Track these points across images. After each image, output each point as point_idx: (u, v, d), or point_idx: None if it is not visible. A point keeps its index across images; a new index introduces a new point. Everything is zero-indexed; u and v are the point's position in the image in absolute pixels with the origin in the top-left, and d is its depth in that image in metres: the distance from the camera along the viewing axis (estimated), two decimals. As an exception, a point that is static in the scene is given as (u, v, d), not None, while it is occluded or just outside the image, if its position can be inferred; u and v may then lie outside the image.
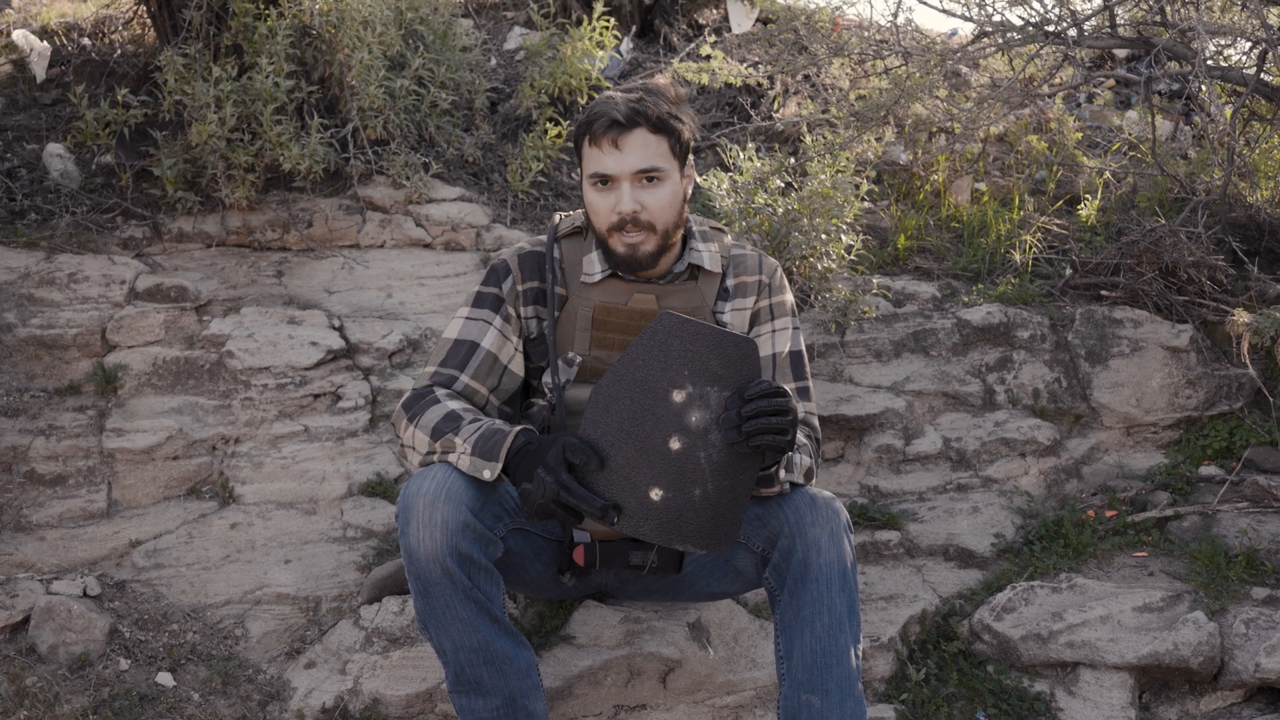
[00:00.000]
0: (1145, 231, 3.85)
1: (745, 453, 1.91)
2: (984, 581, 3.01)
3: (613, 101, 2.12)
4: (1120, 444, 3.58)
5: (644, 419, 1.91)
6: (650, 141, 2.11)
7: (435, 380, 2.17)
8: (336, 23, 3.63)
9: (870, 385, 3.49)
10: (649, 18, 5.16)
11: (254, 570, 2.74)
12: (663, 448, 1.90)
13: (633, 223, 2.12)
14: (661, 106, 2.12)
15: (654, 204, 2.13)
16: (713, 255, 2.27)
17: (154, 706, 2.39)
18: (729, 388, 1.90)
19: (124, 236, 3.51)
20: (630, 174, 2.11)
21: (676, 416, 1.90)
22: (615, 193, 2.12)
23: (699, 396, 1.90)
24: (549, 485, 1.88)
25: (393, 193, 3.77)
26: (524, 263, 2.24)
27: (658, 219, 2.13)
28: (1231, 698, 2.73)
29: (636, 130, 2.10)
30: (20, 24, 4.08)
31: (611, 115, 2.09)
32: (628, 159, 2.10)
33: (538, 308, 2.23)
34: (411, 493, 1.96)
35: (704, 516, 1.92)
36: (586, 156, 2.15)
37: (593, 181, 2.14)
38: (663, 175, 2.13)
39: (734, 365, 1.91)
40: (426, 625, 2.01)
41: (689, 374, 1.90)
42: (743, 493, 1.94)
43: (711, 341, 1.91)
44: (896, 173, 4.44)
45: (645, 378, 1.91)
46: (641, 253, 2.14)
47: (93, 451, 2.94)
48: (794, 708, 2.03)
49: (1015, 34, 4.05)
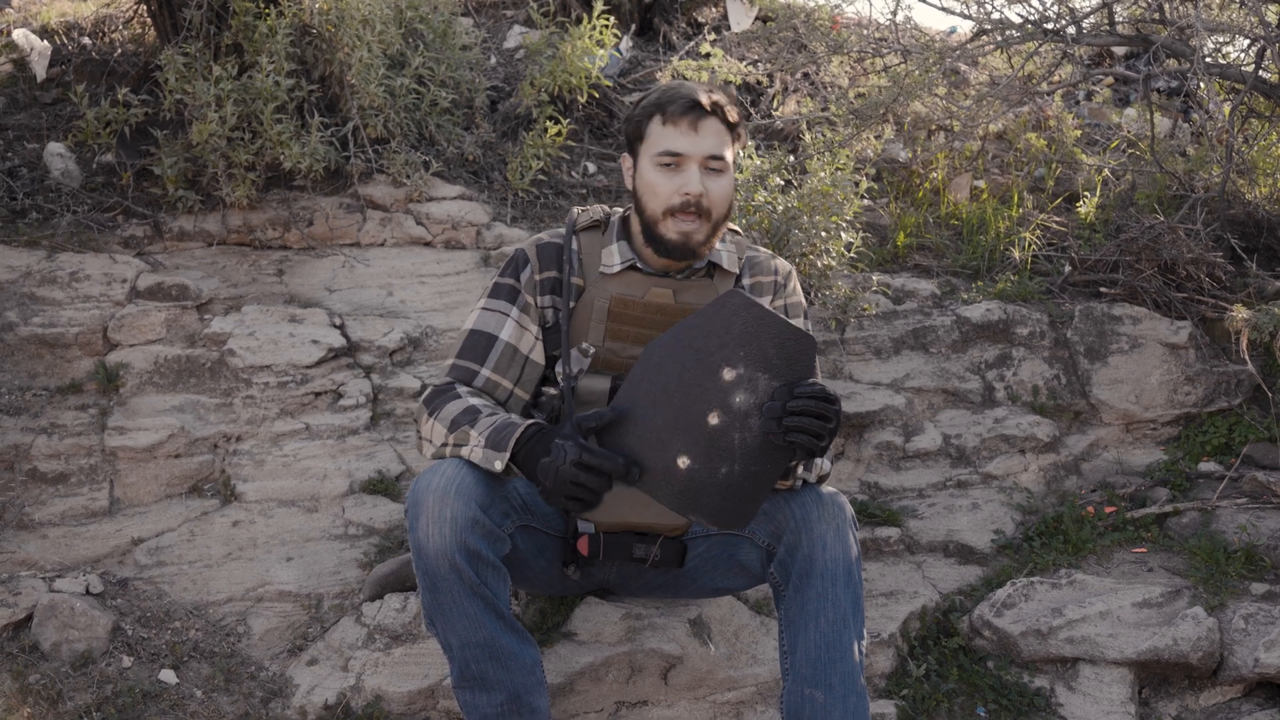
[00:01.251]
0: (1144, 229, 3.85)
1: (779, 445, 1.92)
2: (984, 578, 3.02)
3: (689, 88, 2.16)
4: (1119, 440, 3.59)
5: (690, 387, 1.92)
6: (722, 133, 2.16)
7: (456, 375, 2.18)
8: (336, 21, 3.63)
9: (870, 382, 3.50)
10: (648, 16, 5.16)
11: (256, 568, 2.74)
12: (701, 419, 1.92)
13: (695, 206, 2.14)
14: (733, 106, 2.18)
15: (716, 192, 2.16)
16: (730, 255, 2.30)
17: (157, 704, 2.39)
18: (780, 379, 1.92)
19: (125, 235, 3.51)
20: (702, 157, 2.14)
21: (722, 393, 1.92)
22: (683, 174, 2.14)
23: (748, 379, 1.92)
24: (568, 450, 1.89)
25: (393, 191, 3.77)
26: (542, 253, 2.26)
27: (716, 207, 2.17)
28: (1231, 693, 2.74)
29: (713, 118, 2.14)
30: (20, 23, 4.08)
31: (694, 98, 2.13)
32: (703, 142, 2.14)
33: (554, 297, 2.25)
34: (421, 488, 1.97)
35: (724, 495, 1.94)
36: (656, 135, 2.16)
37: (661, 160, 2.15)
38: (725, 168, 2.17)
39: (790, 358, 1.92)
40: (433, 620, 2.02)
41: (744, 355, 1.92)
42: (766, 482, 1.96)
43: (775, 330, 1.92)
44: (896, 170, 4.44)
45: (702, 347, 1.93)
46: (694, 240, 2.17)
47: (95, 450, 2.94)
48: (797, 702, 2.04)
49: (1014, 32, 4.05)
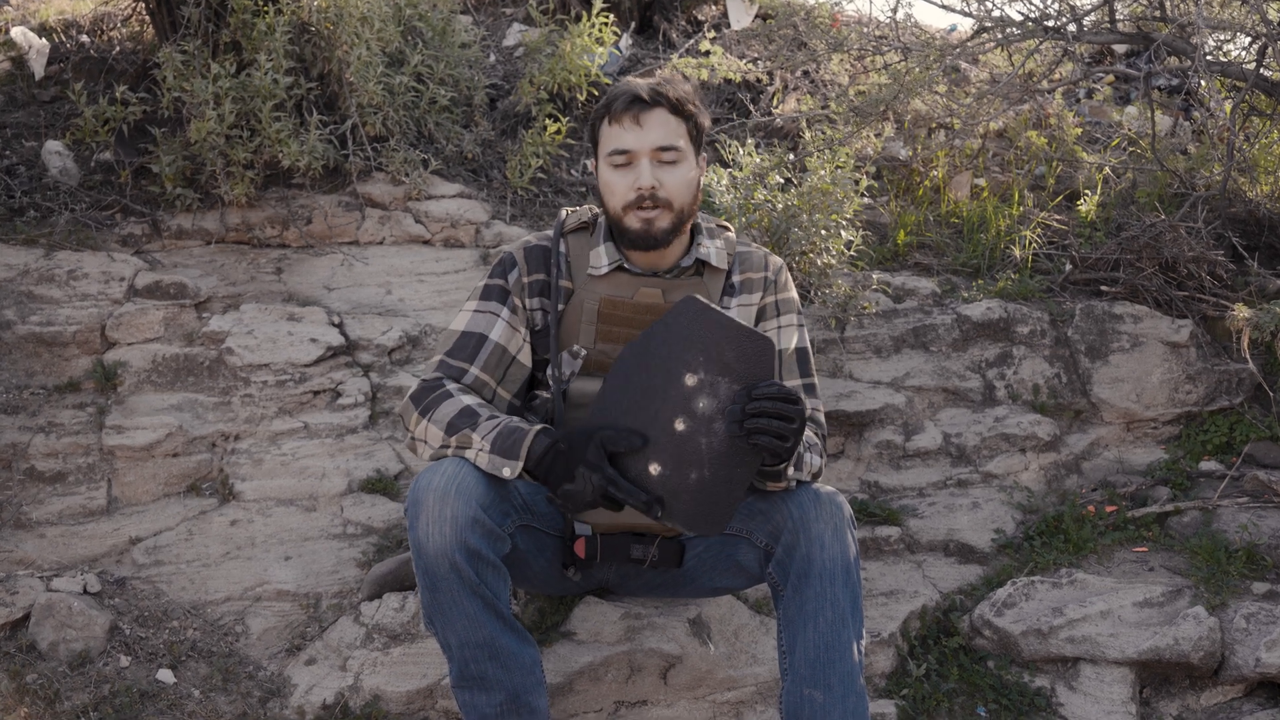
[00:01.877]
0: (1145, 227, 3.85)
1: (746, 447, 1.92)
2: (984, 577, 3.01)
3: (633, 84, 2.16)
4: (1120, 439, 3.58)
5: (655, 395, 1.94)
6: (670, 121, 2.15)
7: (444, 371, 2.17)
8: (335, 19, 3.62)
9: (870, 381, 3.49)
10: (648, 14, 5.15)
11: (254, 567, 2.73)
12: (668, 426, 1.93)
13: (650, 199, 2.14)
14: (681, 91, 2.17)
15: (671, 182, 2.15)
16: (719, 251, 2.29)
17: (154, 703, 2.38)
18: (739, 382, 1.92)
19: (123, 233, 3.50)
20: (650, 150, 2.13)
21: (685, 399, 1.93)
22: (634, 170, 2.14)
23: (710, 384, 1.92)
24: (595, 482, 1.92)
25: (392, 189, 3.77)
26: (529, 255, 2.26)
27: (674, 196, 2.16)
28: (1232, 692, 2.73)
29: (657, 109, 2.14)
30: (19, 21, 4.07)
31: (634, 93, 2.13)
32: (648, 135, 2.13)
33: (543, 299, 2.24)
34: (421, 487, 1.96)
35: (697, 500, 1.94)
36: (605, 136, 2.17)
37: (611, 160, 2.16)
38: (681, 156, 2.16)
39: (748, 360, 1.92)
40: (432, 619, 2.01)
41: (704, 360, 1.93)
42: (738, 485, 1.96)
43: (730, 333, 1.92)
44: (896, 168, 4.43)
45: (664, 355, 1.94)
46: (657, 228, 2.16)
47: (92, 448, 2.94)
48: (796, 703, 2.03)
49: (1015, 29, 4.05)
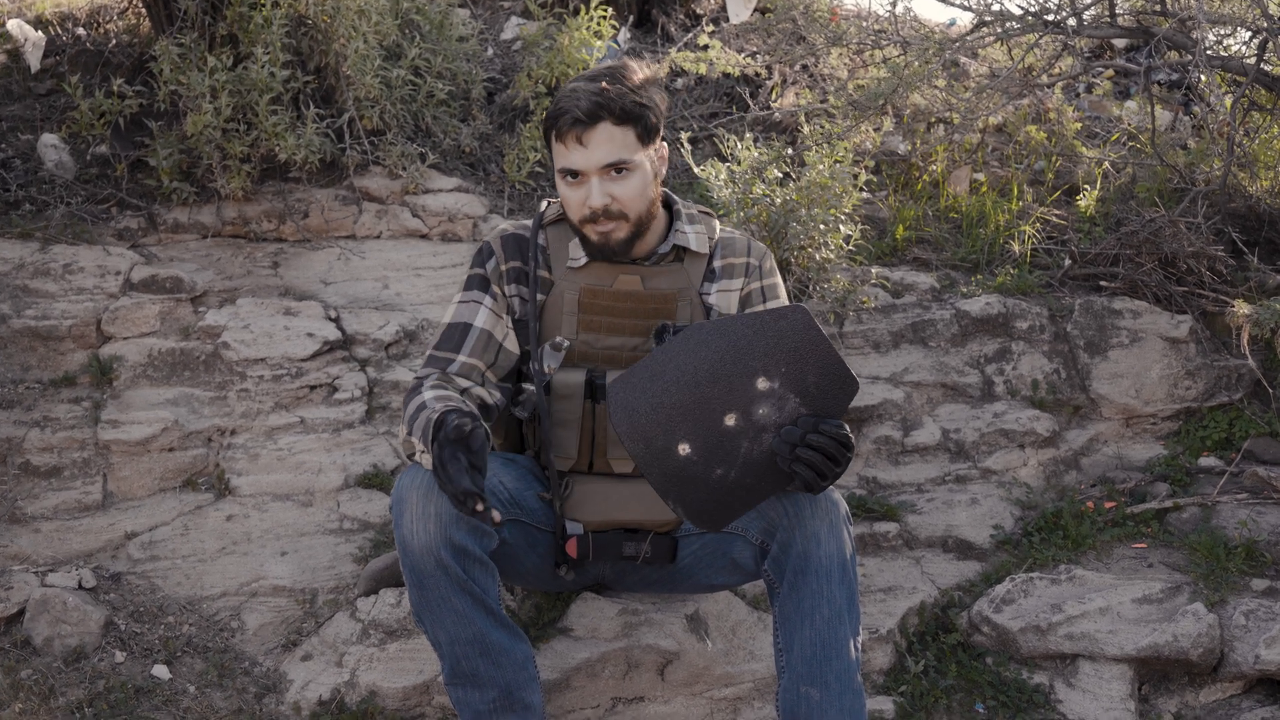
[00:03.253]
0: (1144, 222, 3.83)
1: (780, 470, 1.91)
2: (983, 573, 3.00)
3: (575, 95, 2.08)
4: (1119, 435, 3.57)
5: (720, 381, 1.90)
6: (615, 134, 2.09)
7: (432, 364, 2.18)
8: (332, 12, 3.60)
9: (869, 376, 3.48)
10: (646, 7, 5.13)
11: (250, 562, 2.72)
12: (718, 417, 1.90)
13: (604, 215, 2.12)
14: (625, 95, 2.09)
15: (624, 194, 2.13)
16: (699, 236, 2.27)
17: (149, 699, 2.38)
18: (810, 407, 1.89)
19: (119, 227, 3.49)
20: (597, 169, 2.10)
21: (748, 399, 1.90)
22: (584, 187, 2.12)
23: (779, 396, 1.89)
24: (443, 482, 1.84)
25: (389, 183, 3.75)
26: (506, 244, 2.26)
27: (629, 208, 2.14)
28: (1231, 689, 2.73)
29: (600, 125, 2.08)
30: (15, 14, 4.06)
31: (573, 113, 2.07)
32: (593, 155, 2.09)
33: (520, 287, 2.24)
34: (405, 484, 1.95)
35: (711, 496, 1.92)
36: (555, 152, 2.15)
37: (562, 176, 2.15)
38: (631, 165, 2.12)
39: (827, 393, 1.90)
40: (421, 617, 2.00)
41: (785, 371, 1.89)
42: (754, 497, 1.95)
43: (823, 360, 1.89)
44: (895, 163, 4.42)
45: (746, 348, 1.90)
46: (614, 240, 2.16)
47: (88, 443, 2.93)
48: (793, 700, 2.02)
49: (1014, 23, 4.03)
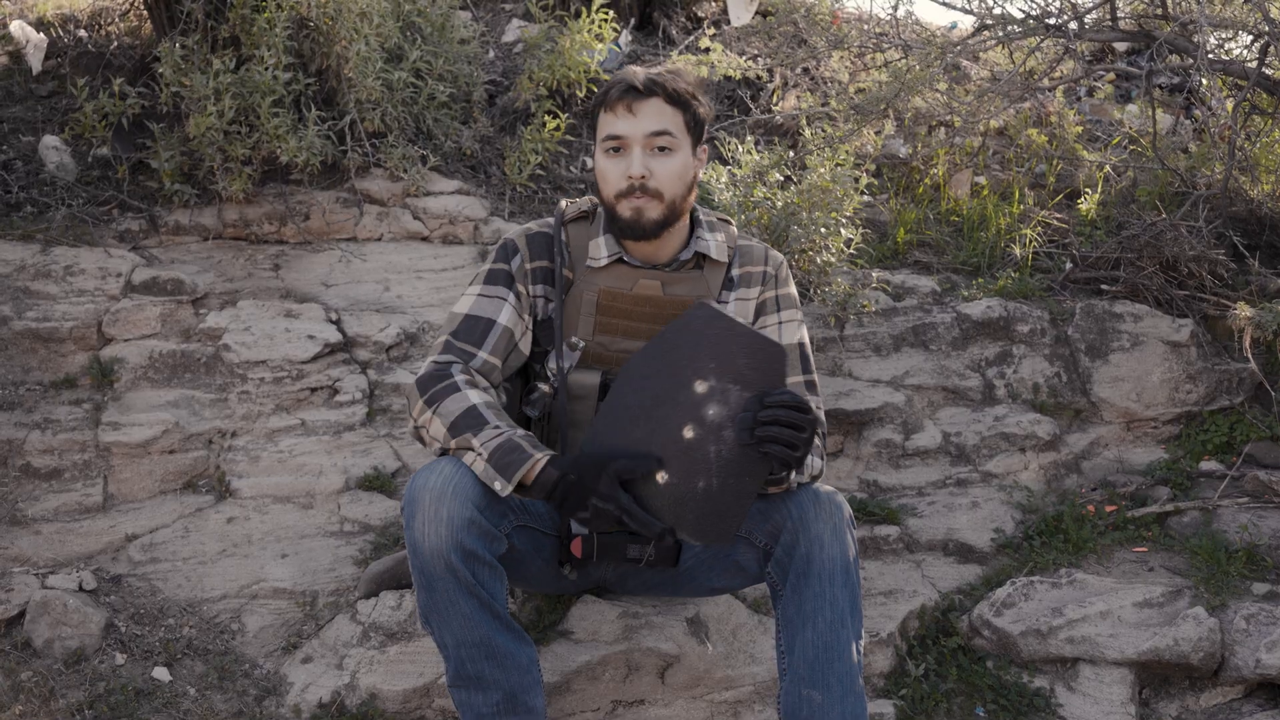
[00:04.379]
0: (1146, 226, 3.84)
1: (755, 456, 1.91)
2: (983, 577, 3.00)
3: (632, 71, 2.16)
4: (1120, 439, 3.57)
5: (664, 402, 1.92)
6: (665, 110, 2.15)
7: (452, 354, 2.12)
8: (334, 15, 3.60)
9: (870, 379, 3.48)
10: (648, 10, 5.14)
11: (250, 565, 2.72)
12: (677, 434, 1.91)
13: (641, 189, 2.13)
14: (679, 82, 2.17)
15: (663, 172, 2.14)
16: (719, 245, 2.28)
17: (150, 701, 2.37)
18: (751, 389, 1.90)
19: (120, 229, 3.49)
20: (643, 137, 2.13)
21: (695, 406, 1.91)
22: (626, 157, 2.14)
23: (720, 391, 1.90)
24: (610, 514, 1.91)
25: (390, 185, 3.75)
26: (532, 242, 2.24)
27: (665, 187, 2.15)
28: (1232, 693, 2.73)
29: (653, 99, 2.14)
30: (16, 15, 4.06)
31: (629, 81, 2.13)
32: (641, 123, 2.13)
33: (546, 287, 2.23)
34: (418, 487, 1.95)
35: (703, 509, 1.93)
36: (601, 123, 2.17)
37: (605, 147, 2.16)
38: (674, 145, 2.16)
39: (760, 368, 1.90)
40: (429, 619, 2.00)
41: (715, 367, 1.90)
42: (746, 494, 1.94)
43: (743, 341, 1.90)
44: (896, 166, 4.42)
45: (674, 361, 1.92)
46: (646, 218, 2.15)
47: (89, 445, 2.92)
48: (795, 703, 2.02)
49: (1016, 27, 4.03)
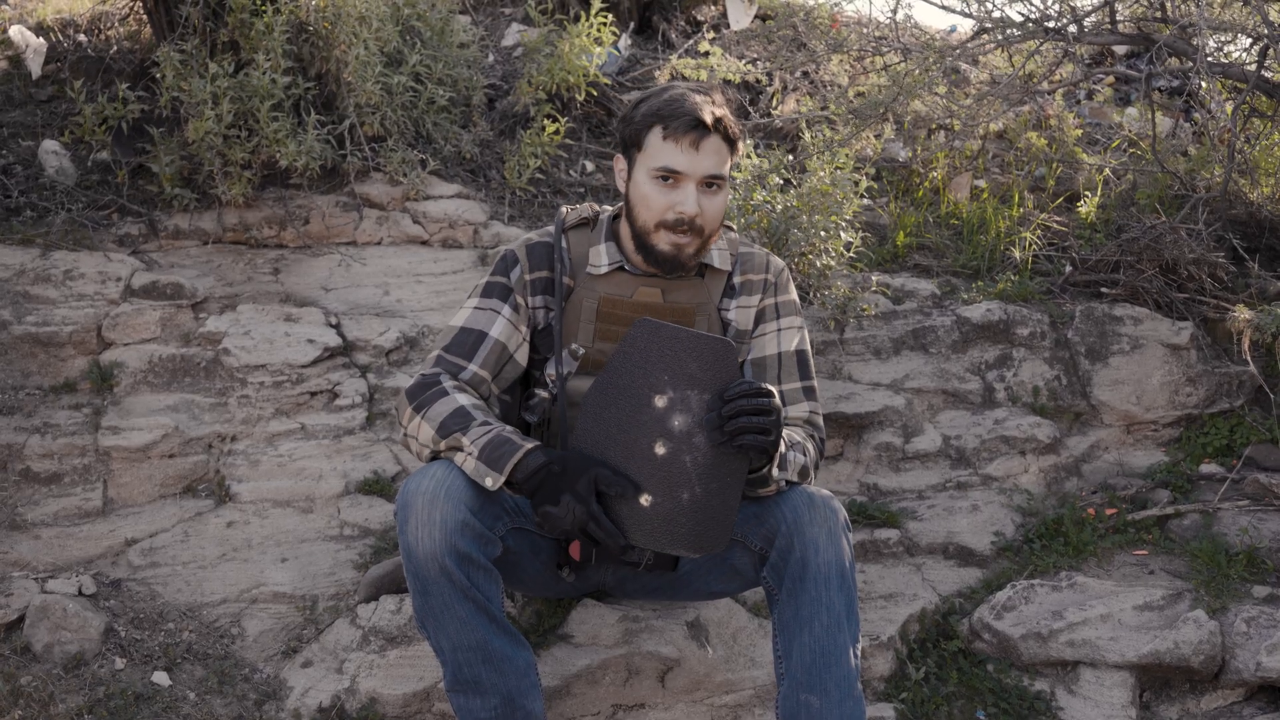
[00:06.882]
0: (1145, 229, 3.84)
1: (731, 454, 1.91)
2: (984, 580, 3.00)
3: (693, 102, 2.11)
4: (1120, 442, 3.57)
5: (629, 426, 1.91)
6: (722, 149, 2.14)
7: (442, 367, 2.15)
8: (333, 19, 3.61)
9: (869, 383, 3.48)
10: (647, 14, 5.14)
11: (250, 569, 2.72)
12: (649, 453, 1.91)
13: (689, 225, 2.13)
14: (733, 120, 2.14)
15: (710, 210, 2.15)
16: (721, 253, 2.28)
17: (149, 706, 2.37)
18: (709, 390, 1.90)
19: (120, 233, 3.49)
20: (701, 176, 2.12)
21: (659, 421, 1.90)
22: (679, 191, 2.12)
23: (680, 400, 1.90)
24: (578, 513, 1.90)
25: (390, 189, 3.76)
26: (532, 253, 2.24)
27: (709, 225, 2.16)
28: (1232, 696, 2.72)
29: (714, 137, 2.12)
30: (16, 20, 4.06)
31: (698, 115, 2.09)
32: (703, 161, 2.11)
33: (546, 297, 2.23)
34: (411, 491, 1.95)
35: (694, 520, 1.92)
36: (656, 149, 2.13)
37: (657, 174, 2.13)
38: (722, 185, 2.16)
39: (712, 367, 1.90)
40: (424, 624, 2.00)
41: (669, 379, 1.90)
42: (732, 495, 1.94)
43: (688, 345, 1.90)
44: (896, 170, 4.42)
45: (628, 384, 1.92)
46: (685, 254, 2.16)
47: (88, 449, 2.92)
48: (793, 707, 2.02)
49: (1015, 30, 4.03)
